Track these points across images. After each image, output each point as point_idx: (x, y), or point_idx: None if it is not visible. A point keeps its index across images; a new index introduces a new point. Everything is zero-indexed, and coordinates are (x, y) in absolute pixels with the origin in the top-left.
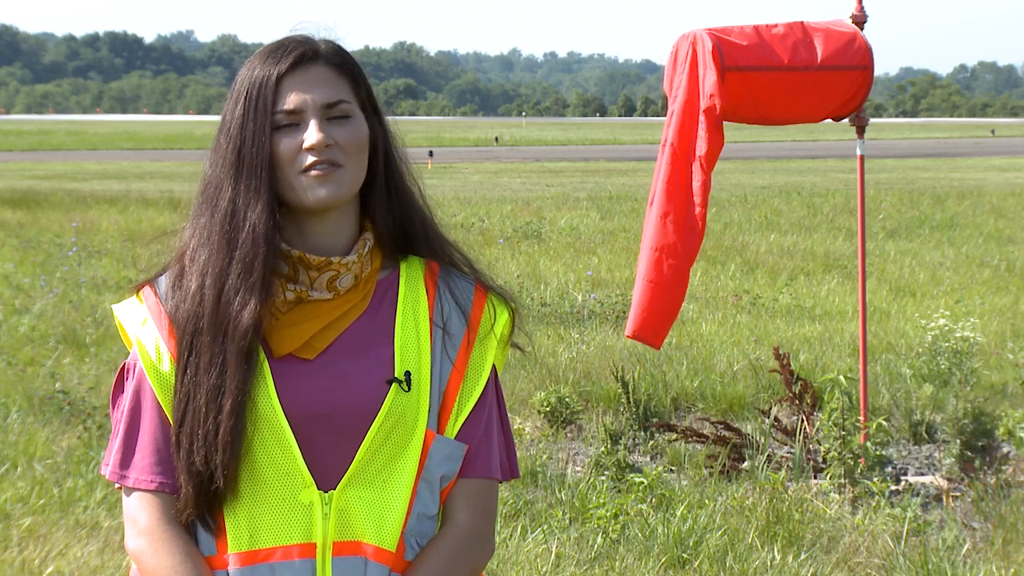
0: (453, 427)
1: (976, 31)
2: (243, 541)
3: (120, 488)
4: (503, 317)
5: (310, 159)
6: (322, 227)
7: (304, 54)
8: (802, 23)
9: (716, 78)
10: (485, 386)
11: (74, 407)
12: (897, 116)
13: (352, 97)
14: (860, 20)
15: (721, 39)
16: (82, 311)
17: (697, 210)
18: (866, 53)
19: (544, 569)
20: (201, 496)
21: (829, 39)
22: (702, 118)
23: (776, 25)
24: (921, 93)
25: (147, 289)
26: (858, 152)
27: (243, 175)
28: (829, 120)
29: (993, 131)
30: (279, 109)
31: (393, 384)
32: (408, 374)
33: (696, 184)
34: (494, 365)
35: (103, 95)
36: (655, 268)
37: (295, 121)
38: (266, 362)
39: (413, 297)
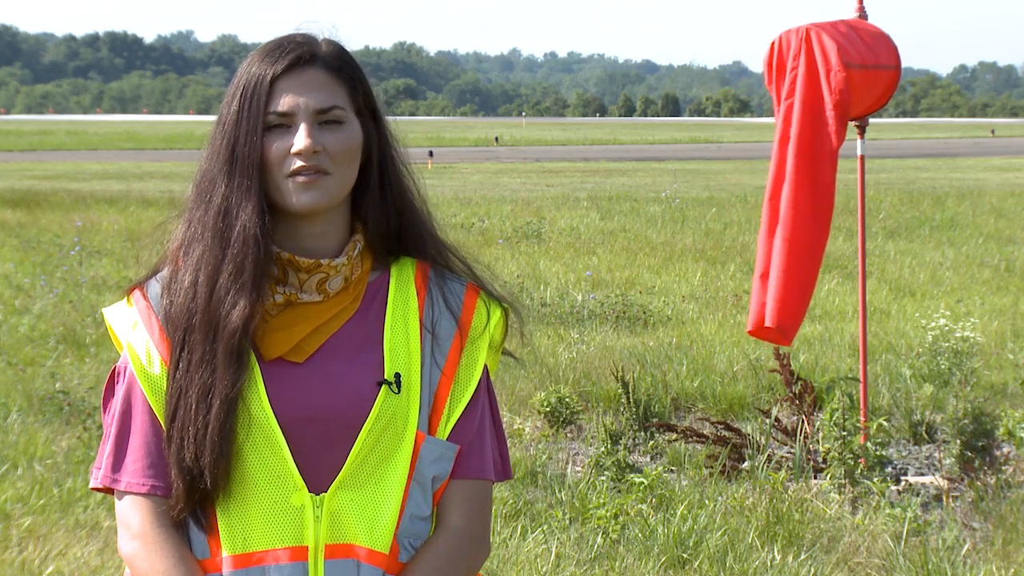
0: (445, 428)
1: (976, 31)
2: (236, 544)
3: (112, 492)
4: (496, 317)
5: (297, 164)
6: (311, 229)
7: (301, 56)
8: (844, 21)
9: (844, 75)
10: (477, 387)
11: (74, 407)
12: (897, 116)
13: (347, 102)
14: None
15: (835, 38)
16: (82, 311)
17: (826, 204)
18: (895, 52)
19: (544, 569)
20: (192, 493)
21: (869, 37)
22: (831, 113)
23: (836, 22)
24: (921, 93)
25: (137, 293)
26: (858, 152)
27: (236, 173)
28: None
29: (993, 131)
30: (272, 110)
31: (383, 386)
32: (398, 376)
33: (827, 179)
34: (486, 365)
35: (103, 95)
36: (788, 260)
37: (286, 123)
38: (256, 365)
39: (403, 299)
